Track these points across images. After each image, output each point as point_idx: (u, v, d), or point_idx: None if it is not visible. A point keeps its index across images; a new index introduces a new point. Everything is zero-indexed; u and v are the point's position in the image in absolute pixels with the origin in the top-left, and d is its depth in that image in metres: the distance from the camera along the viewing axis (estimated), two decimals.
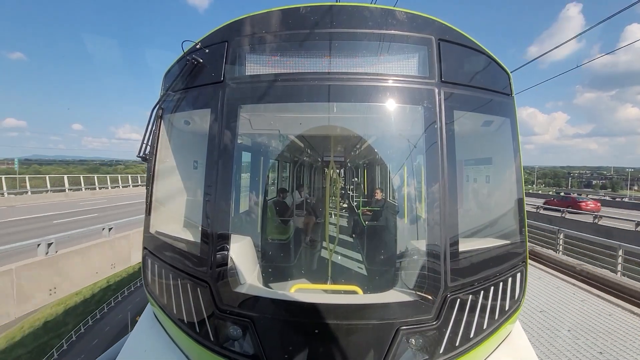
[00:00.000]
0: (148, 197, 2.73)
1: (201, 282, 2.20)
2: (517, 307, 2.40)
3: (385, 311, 2.04)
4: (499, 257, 2.39)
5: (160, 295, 2.48)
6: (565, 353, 5.46)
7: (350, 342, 1.95)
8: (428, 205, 2.22)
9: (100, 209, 25.36)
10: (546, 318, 6.89)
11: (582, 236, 12.95)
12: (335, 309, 2.04)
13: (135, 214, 21.42)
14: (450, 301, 2.08)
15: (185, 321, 2.24)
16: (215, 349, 2.09)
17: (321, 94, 2.36)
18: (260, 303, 2.11)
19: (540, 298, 7.98)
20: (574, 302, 7.80)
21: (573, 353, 5.46)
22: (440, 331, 2.04)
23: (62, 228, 15.11)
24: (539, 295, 8.15)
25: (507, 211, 2.65)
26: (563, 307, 7.49)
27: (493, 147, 2.91)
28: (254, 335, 2.01)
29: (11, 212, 21.85)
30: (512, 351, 2.48)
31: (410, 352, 1.99)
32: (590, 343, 5.85)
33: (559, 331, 6.30)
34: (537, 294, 8.21)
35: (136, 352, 2.57)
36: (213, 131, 2.34)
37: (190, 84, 2.54)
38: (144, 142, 2.69)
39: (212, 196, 2.28)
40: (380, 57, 2.34)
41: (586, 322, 6.74)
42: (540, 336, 6.12)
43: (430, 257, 2.14)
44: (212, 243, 2.23)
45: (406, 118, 2.51)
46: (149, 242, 2.69)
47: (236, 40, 2.40)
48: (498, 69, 2.57)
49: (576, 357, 5.33)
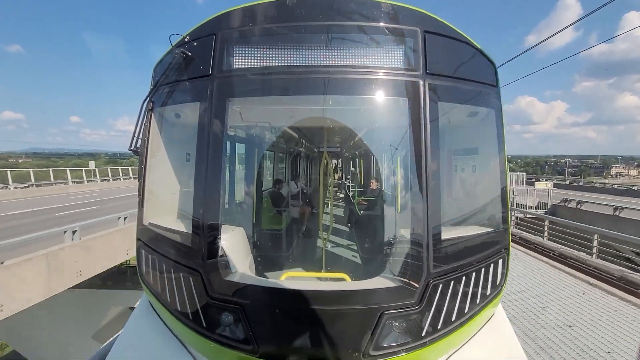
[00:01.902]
0: (140, 190, 2.76)
1: (193, 272, 2.26)
2: (498, 292, 2.48)
3: (370, 297, 2.12)
4: (481, 245, 2.46)
5: (154, 285, 2.55)
6: (540, 330, 6.10)
7: (335, 327, 2.03)
8: (412, 194, 2.27)
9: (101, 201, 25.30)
10: (525, 298, 7.50)
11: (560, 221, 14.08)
12: (321, 295, 2.12)
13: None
14: (433, 287, 2.15)
15: (179, 309, 2.31)
16: (207, 335, 2.17)
17: (309, 86, 2.38)
18: (250, 291, 2.18)
19: (520, 279, 8.72)
20: (551, 282, 8.49)
21: (547, 329, 6.11)
22: (423, 315, 2.12)
23: (67, 220, 15.39)
24: (520, 277, 8.82)
25: (490, 200, 2.70)
26: (542, 287, 8.17)
27: (478, 138, 2.95)
28: (245, 321, 2.08)
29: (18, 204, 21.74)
30: (494, 333, 2.58)
31: (394, 335, 2.07)
32: (562, 318, 6.56)
33: (536, 309, 6.94)
34: (518, 275, 8.87)
35: (133, 338, 2.65)
36: (203, 124, 2.37)
37: (179, 77, 2.55)
38: (135, 135, 2.71)
39: (203, 188, 2.33)
40: (367, 49, 2.35)
41: (561, 300, 7.38)
42: (521, 316, 6.68)
43: (414, 244, 2.21)
44: (203, 234, 2.28)
45: (392, 110, 2.54)
46: (143, 234, 2.74)
47: (224, 33, 2.40)
48: (484, 60, 2.58)
49: (549, 332, 6.00)
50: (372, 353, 2.02)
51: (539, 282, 8.59)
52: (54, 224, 14.14)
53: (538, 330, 6.06)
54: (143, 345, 2.57)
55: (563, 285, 8.40)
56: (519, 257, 10.97)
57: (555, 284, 8.51)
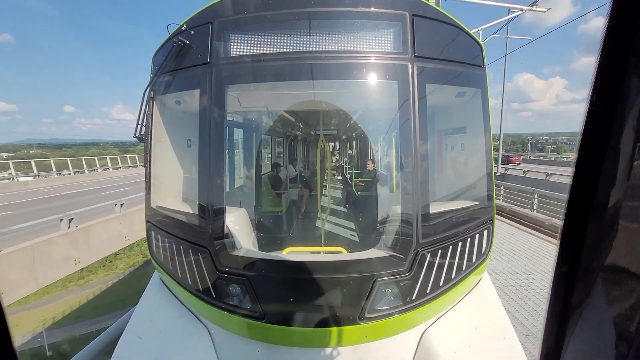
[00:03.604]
0: (147, 175, 2.90)
1: (202, 248, 2.44)
2: (483, 260, 2.68)
3: (365, 266, 2.32)
4: (467, 217, 2.64)
5: (165, 262, 2.73)
6: (525, 298, 6.37)
7: (334, 293, 2.24)
8: (403, 172, 2.42)
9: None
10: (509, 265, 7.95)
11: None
12: (321, 265, 2.31)
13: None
14: (422, 256, 2.35)
15: (190, 282, 2.51)
16: (218, 305, 2.38)
17: (303, 72, 2.47)
18: (255, 263, 2.37)
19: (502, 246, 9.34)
20: (530, 250, 9.01)
21: (527, 296, 6.38)
22: (413, 281, 2.33)
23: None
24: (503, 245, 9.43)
25: (476, 176, 2.86)
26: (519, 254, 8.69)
27: (465, 117, 3.07)
28: (251, 291, 2.28)
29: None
30: (479, 297, 2.81)
31: (386, 299, 2.29)
32: (519, 268, 7.24)
33: (519, 275, 7.31)
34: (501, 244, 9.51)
35: (148, 312, 2.86)
36: (203, 111, 2.48)
37: (178, 65, 2.62)
38: (139, 123, 2.82)
39: (207, 171, 2.47)
40: (358, 34, 2.44)
41: (540, 266, 7.79)
42: (503, 279, 7.09)
43: (405, 218, 2.38)
44: (209, 214, 2.45)
45: (382, 93, 2.65)
46: (152, 216, 2.90)
47: (220, 21, 2.46)
48: (470, 41, 2.67)
49: (529, 298, 6.25)
50: (367, 315, 2.24)
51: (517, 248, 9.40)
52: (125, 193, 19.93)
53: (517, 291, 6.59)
54: (158, 317, 2.78)
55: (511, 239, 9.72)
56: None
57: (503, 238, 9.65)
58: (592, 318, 0.69)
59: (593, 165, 0.66)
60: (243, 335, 2.42)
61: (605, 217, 0.65)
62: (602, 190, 0.65)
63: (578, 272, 0.70)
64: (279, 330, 2.27)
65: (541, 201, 13.50)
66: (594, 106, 0.64)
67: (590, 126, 0.66)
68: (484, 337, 2.51)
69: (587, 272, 0.69)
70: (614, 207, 0.63)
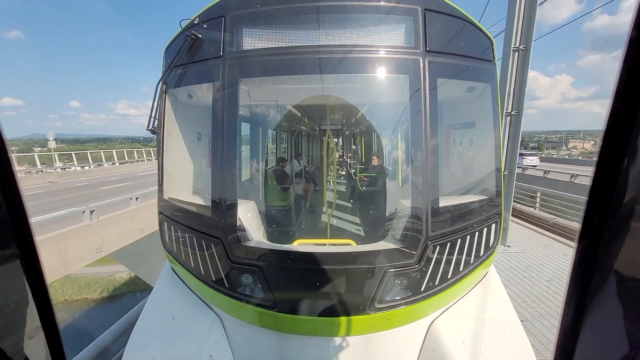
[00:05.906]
0: (160, 167, 2.93)
1: (215, 239, 2.47)
2: (490, 253, 2.70)
3: (375, 258, 2.34)
4: (476, 211, 2.65)
5: (178, 253, 2.77)
6: (529, 289, 6.59)
7: (344, 284, 2.27)
8: (413, 167, 2.43)
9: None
10: (515, 260, 8.12)
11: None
12: (332, 256, 2.35)
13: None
14: (431, 248, 2.37)
15: (203, 272, 2.54)
16: (230, 294, 2.41)
17: (315, 66, 2.48)
18: (267, 254, 2.40)
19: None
20: (539, 247, 9.15)
21: (529, 289, 6.60)
22: (422, 273, 2.35)
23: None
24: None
25: (485, 170, 2.87)
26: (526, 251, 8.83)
27: (475, 112, 3.07)
28: (263, 281, 2.32)
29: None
30: (486, 289, 2.83)
31: (395, 290, 2.32)
32: (543, 275, 7.23)
33: (523, 269, 7.54)
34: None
35: (161, 301, 2.91)
36: (216, 104, 2.49)
37: (190, 59, 2.64)
38: (152, 116, 2.84)
39: (220, 164, 2.49)
40: (370, 28, 2.43)
41: (545, 262, 7.99)
42: (510, 274, 7.28)
43: (415, 211, 2.40)
44: (222, 206, 2.48)
45: (393, 87, 2.66)
46: (164, 208, 2.93)
47: (232, 15, 2.47)
48: (481, 36, 2.66)
49: (531, 289, 6.53)
50: (377, 306, 2.27)
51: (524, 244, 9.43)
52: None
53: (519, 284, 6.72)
54: (171, 306, 2.83)
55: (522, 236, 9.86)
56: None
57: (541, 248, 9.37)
58: (607, 319, 0.69)
59: (613, 167, 0.65)
60: (254, 323, 2.46)
61: (622, 219, 0.65)
62: (620, 192, 0.64)
63: (594, 273, 0.70)
64: (290, 319, 2.30)
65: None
66: (617, 105, 0.63)
67: (612, 128, 0.65)
68: (490, 329, 2.53)
69: (603, 274, 0.68)
70: (631, 209, 0.63)
